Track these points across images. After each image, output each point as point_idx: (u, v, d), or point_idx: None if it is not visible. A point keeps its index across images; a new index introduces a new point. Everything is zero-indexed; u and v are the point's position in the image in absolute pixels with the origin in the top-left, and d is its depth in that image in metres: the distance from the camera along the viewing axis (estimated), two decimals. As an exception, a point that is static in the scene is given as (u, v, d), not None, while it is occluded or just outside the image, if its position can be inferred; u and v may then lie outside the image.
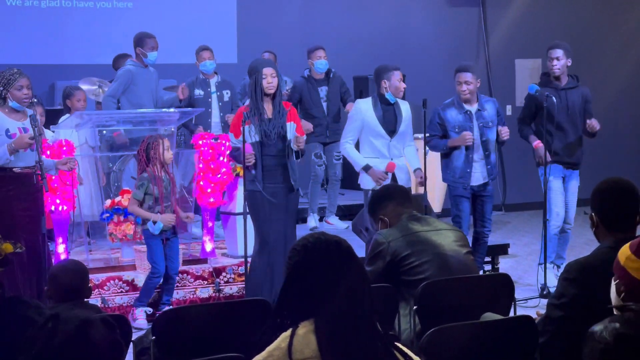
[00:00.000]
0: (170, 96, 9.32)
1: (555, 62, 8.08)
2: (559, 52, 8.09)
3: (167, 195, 7.25)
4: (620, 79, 13.51)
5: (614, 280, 3.15)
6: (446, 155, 7.86)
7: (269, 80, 6.90)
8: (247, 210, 7.08)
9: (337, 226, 9.89)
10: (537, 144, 8.01)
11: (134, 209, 7.29)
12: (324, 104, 9.95)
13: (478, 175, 7.80)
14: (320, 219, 10.24)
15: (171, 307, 7.17)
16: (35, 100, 8.46)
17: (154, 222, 7.17)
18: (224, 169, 8.10)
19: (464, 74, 7.78)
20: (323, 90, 9.96)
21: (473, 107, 7.81)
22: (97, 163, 8.46)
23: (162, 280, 7.28)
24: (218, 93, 9.39)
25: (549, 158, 7.92)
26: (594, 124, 8.02)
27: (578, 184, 8.24)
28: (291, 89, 10.03)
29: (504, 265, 8.96)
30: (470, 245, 7.91)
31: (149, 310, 7.29)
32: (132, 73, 8.99)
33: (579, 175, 8.26)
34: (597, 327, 2.91)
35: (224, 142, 8.12)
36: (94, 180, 8.54)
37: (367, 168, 7.44)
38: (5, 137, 6.60)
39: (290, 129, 7.03)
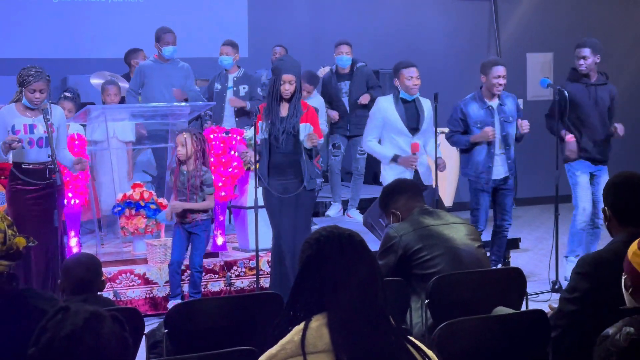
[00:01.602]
0: (195, 91, 9.36)
1: (582, 61, 8.03)
2: (586, 51, 8.03)
3: (183, 189, 7.27)
4: (631, 73, 13.47)
5: (623, 275, 3.15)
6: (467, 151, 7.86)
7: (286, 87, 7.00)
8: (258, 204, 7.11)
9: (357, 219, 9.92)
10: (570, 137, 7.92)
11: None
12: (345, 99, 9.99)
13: (500, 169, 7.83)
14: (343, 212, 10.29)
15: (199, 297, 7.24)
16: (68, 95, 8.55)
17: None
18: (235, 163, 8.11)
19: (501, 67, 7.80)
20: (345, 85, 10.01)
21: (494, 102, 7.82)
22: (127, 155, 8.60)
23: (175, 267, 7.32)
24: (234, 88, 9.41)
25: (572, 153, 7.90)
26: (619, 130, 7.99)
27: (607, 179, 8.16)
28: (321, 84, 10.08)
29: (515, 259, 8.95)
30: (490, 238, 7.98)
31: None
32: (143, 68, 9.09)
33: (607, 171, 8.16)
34: (611, 331, 2.89)
35: (235, 136, 8.14)
36: (123, 173, 8.64)
37: (396, 158, 7.46)
38: (11, 133, 6.68)
39: (304, 129, 7.04)
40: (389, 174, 7.49)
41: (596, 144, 8.07)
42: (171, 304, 7.27)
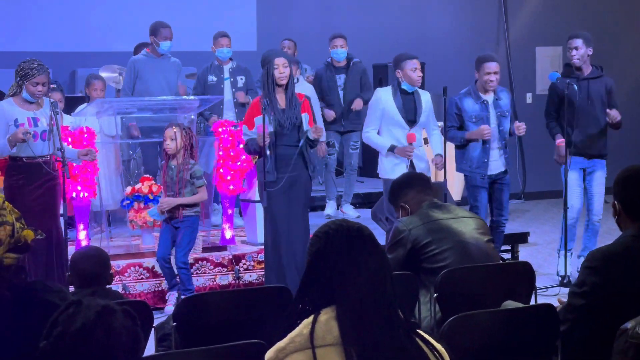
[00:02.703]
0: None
1: (574, 52, 7.97)
2: (578, 42, 7.98)
3: (172, 184, 7.23)
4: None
5: None
6: (462, 146, 7.80)
7: (281, 70, 6.87)
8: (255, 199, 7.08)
9: (349, 215, 9.90)
10: (561, 142, 7.85)
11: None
12: (341, 92, 9.95)
13: (496, 164, 7.76)
14: (338, 207, 10.27)
15: (189, 295, 7.18)
16: (55, 86, 8.51)
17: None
18: (244, 157, 8.10)
19: (492, 64, 7.69)
20: (341, 79, 9.95)
21: (489, 97, 7.77)
22: (116, 150, 8.48)
23: (164, 263, 7.27)
24: (232, 79, 9.37)
25: (561, 159, 7.84)
26: (613, 114, 7.85)
27: (605, 175, 8.05)
28: (314, 77, 10.06)
29: (524, 253, 8.94)
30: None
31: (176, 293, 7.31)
32: (136, 63, 9.01)
33: (605, 165, 8.07)
34: (630, 324, 2.89)
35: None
36: (111, 168, 8.57)
37: (392, 148, 7.44)
38: (14, 127, 6.64)
39: (305, 120, 7.01)
40: (385, 165, 7.51)
41: (589, 139, 7.93)
42: (170, 296, 7.27)
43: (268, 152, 6.87)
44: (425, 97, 7.64)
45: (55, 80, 9.18)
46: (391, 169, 7.44)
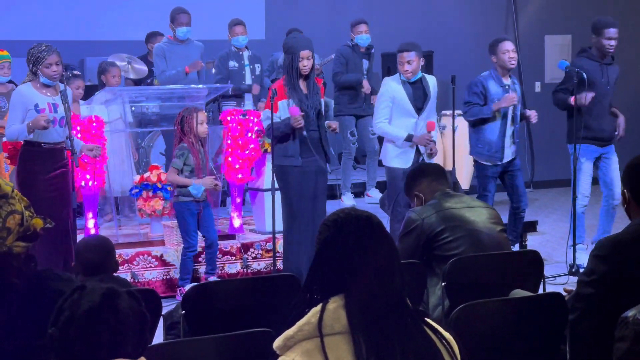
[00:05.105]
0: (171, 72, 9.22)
1: (612, 42, 7.97)
2: (615, 32, 7.97)
3: (203, 167, 7.27)
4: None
5: None
6: (479, 129, 7.79)
7: (305, 63, 6.98)
8: (277, 186, 7.08)
9: (377, 199, 9.94)
10: (572, 98, 7.80)
11: (173, 177, 7.24)
12: (364, 77, 10.02)
13: (509, 151, 7.78)
14: (360, 195, 10.33)
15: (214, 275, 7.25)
16: (77, 73, 8.55)
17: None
18: (252, 145, 8.10)
19: (509, 42, 7.78)
20: (365, 63, 10.03)
21: (508, 82, 7.80)
22: (129, 139, 8.50)
23: (197, 252, 7.33)
24: (251, 66, 9.43)
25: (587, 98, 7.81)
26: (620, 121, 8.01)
27: (617, 157, 8.10)
28: (337, 57, 10.07)
29: (533, 242, 8.93)
30: (507, 220, 7.96)
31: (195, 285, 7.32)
32: (162, 50, 9.07)
33: (614, 148, 8.13)
34: (630, 313, 2.89)
35: (252, 118, 8.13)
36: (128, 156, 8.58)
37: (410, 138, 7.45)
38: (34, 111, 6.60)
39: (323, 105, 7.12)
40: (390, 153, 7.52)
41: (606, 123, 8.00)
42: (188, 287, 7.28)
43: (305, 133, 6.96)
44: (432, 82, 7.68)
45: (75, 67, 9.24)
46: (395, 156, 7.48)
